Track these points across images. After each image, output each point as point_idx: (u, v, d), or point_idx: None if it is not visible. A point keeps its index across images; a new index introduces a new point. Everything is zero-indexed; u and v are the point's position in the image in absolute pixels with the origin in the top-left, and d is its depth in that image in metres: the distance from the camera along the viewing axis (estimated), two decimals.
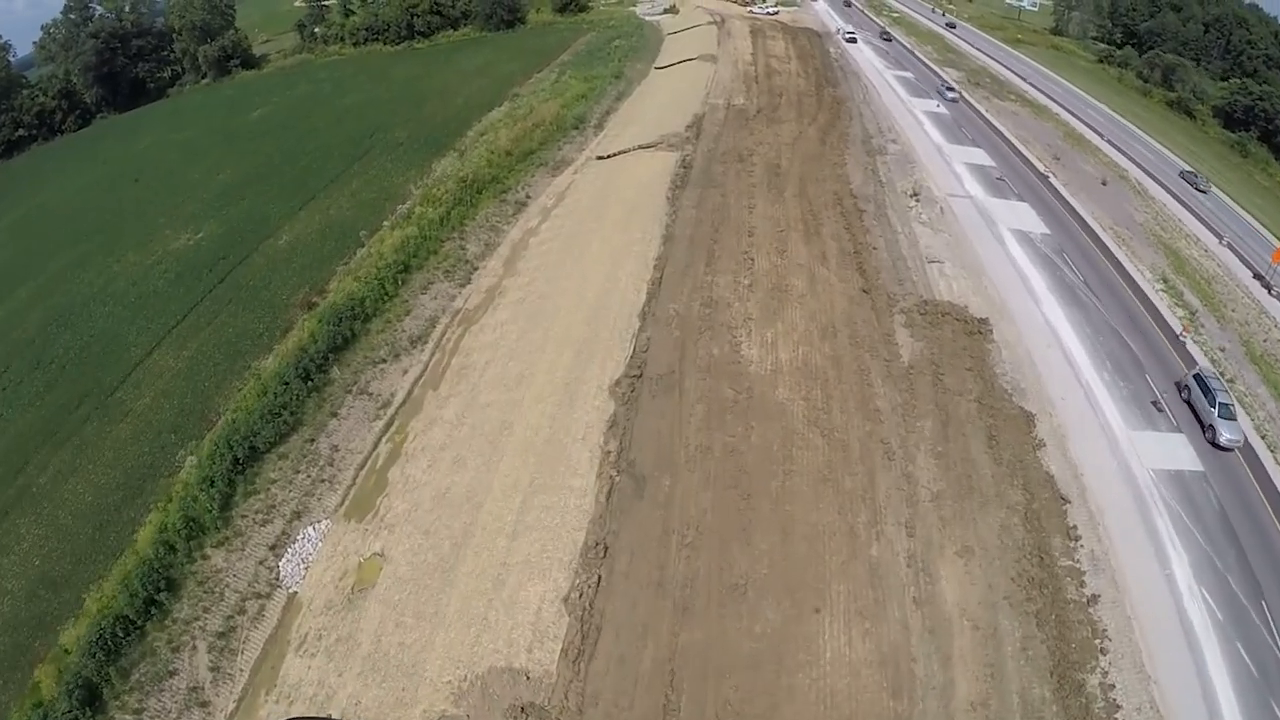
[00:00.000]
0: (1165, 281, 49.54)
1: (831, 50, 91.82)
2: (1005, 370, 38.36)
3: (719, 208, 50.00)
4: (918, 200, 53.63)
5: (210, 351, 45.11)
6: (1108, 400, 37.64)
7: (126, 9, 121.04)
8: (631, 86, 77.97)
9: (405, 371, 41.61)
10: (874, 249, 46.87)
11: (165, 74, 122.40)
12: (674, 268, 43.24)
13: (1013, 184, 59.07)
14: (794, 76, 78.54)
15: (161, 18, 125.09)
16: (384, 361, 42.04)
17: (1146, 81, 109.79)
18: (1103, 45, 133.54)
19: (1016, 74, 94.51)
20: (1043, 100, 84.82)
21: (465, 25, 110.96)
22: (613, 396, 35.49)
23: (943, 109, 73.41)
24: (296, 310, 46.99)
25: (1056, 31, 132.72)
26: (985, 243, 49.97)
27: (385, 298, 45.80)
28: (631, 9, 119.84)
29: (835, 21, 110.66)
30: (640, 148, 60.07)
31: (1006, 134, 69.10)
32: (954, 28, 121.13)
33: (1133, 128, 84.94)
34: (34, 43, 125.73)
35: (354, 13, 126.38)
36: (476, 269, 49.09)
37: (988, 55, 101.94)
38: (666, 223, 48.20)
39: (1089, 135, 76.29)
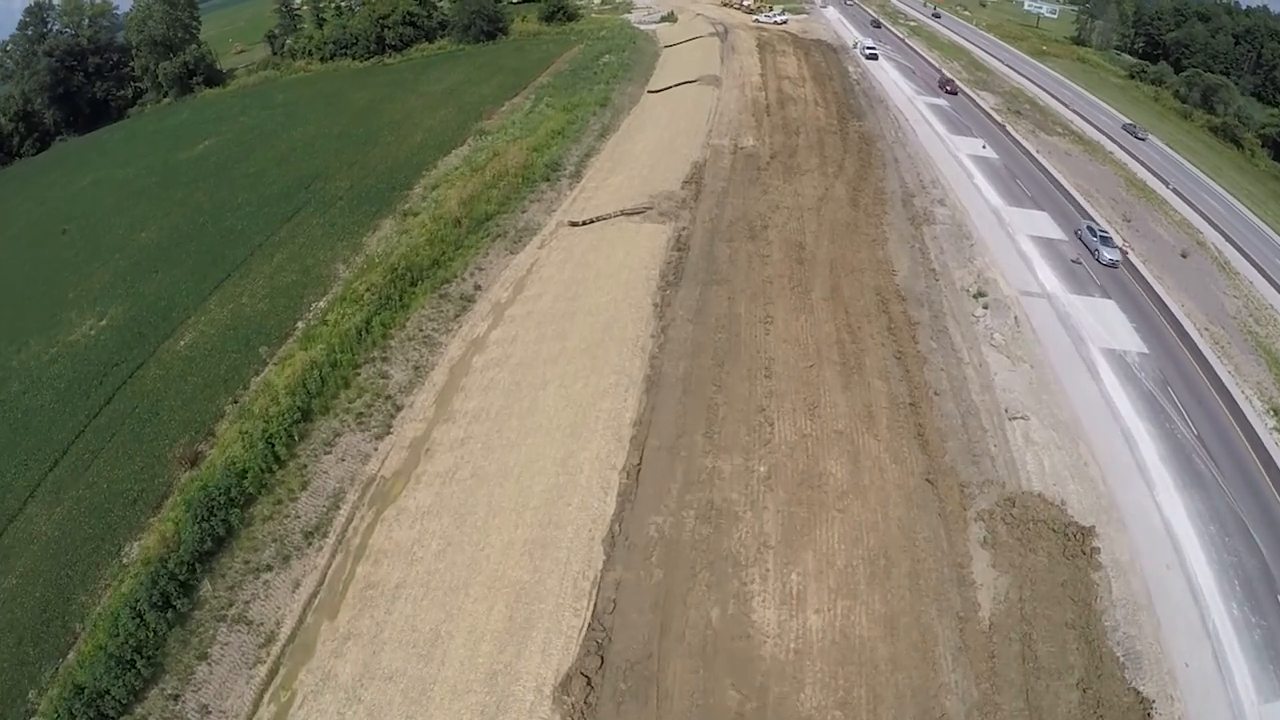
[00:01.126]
0: (1278, 415, 34.10)
1: (851, 69, 74.69)
2: (1116, 622, 23.34)
3: (724, 321, 34.04)
4: (985, 306, 37.64)
5: (82, 517, 30.12)
6: (1239, 659, 23.20)
7: (85, 23, 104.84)
8: (619, 117, 61.47)
9: (296, 585, 26.28)
10: (935, 394, 31.04)
11: (127, 92, 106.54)
12: (659, 440, 27.46)
13: (1091, 268, 42.79)
14: (811, 105, 62.16)
15: (122, 31, 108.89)
16: (269, 569, 26.71)
17: (1185, 102, 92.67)
18: (1127, 56, 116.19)
19: (1054, 96, 77.07)
20: (1091, 133, 67.59)
21: (442, 37, 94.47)
22: (557, 708, 20.96)
23: (989, 151, 56.71)
24: (176, 466, 32.09)
25: (1079, 41, 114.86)
26: (1076, 376, 33.78)
27: (276, 463, 30.76)
28: (626, 16, 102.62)
29: (848, 31, 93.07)
30: (624, 213, 44.35)
31: (1068, 186, 52.22)
32: (939, 17, 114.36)
33: (1188, 164, 67.96)
34: None
35: (327, 21, 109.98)
36: (400, 408, 33.17)
37: (1019, 73, 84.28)
38: (652, 351, 32.25)
39: (1151, 182, 59.37)
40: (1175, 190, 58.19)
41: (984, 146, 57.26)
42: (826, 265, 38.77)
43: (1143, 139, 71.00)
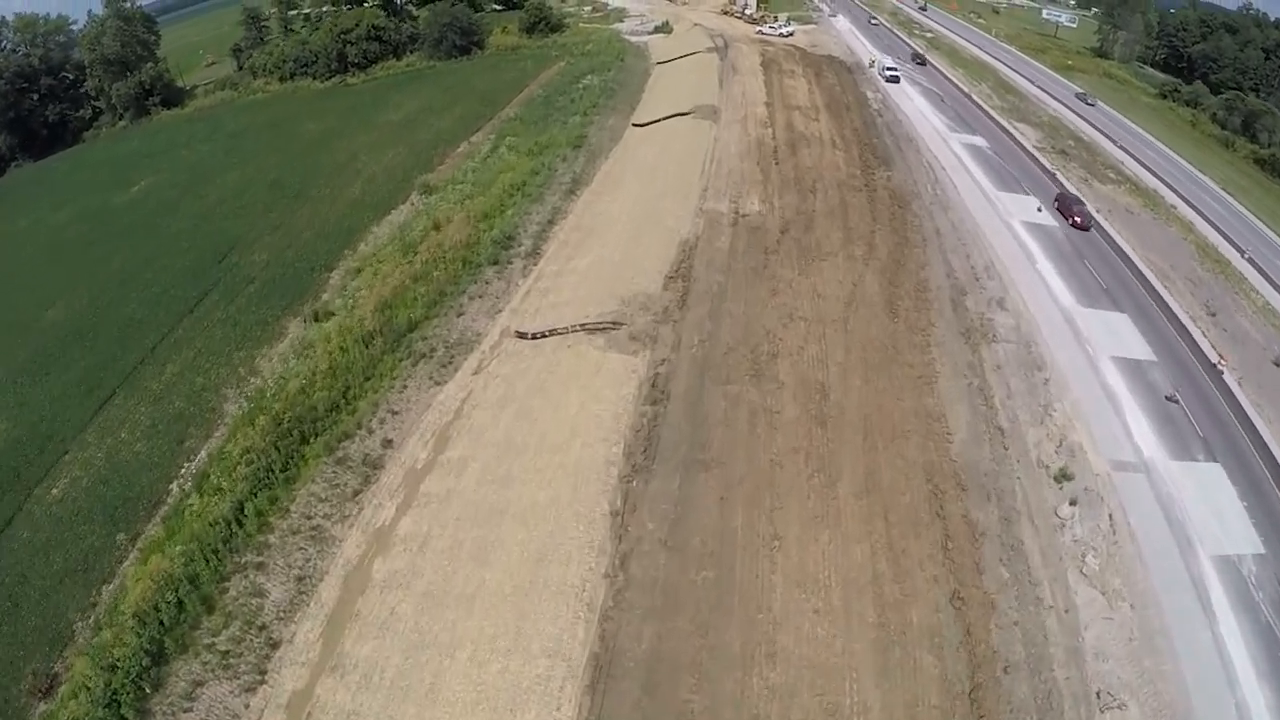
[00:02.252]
0: None
1: (869, 94, 60.11)
2: None
3: (713, 546, 21.01)
4: (1072, 500, 24.18)
5: None
6: None
7: (37, 41, 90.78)
8: (595, 163, 46.74)
9: None
10: (1005, 670, 18.63)
11: (84, 112, 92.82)
12: None
13: (1191, 410, 28.95)
14: (828, 147, 47.58)
15: (77, 49, 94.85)
16: None
17: (1224, 127, 77.12)
18: (1151, 70, 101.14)
19: (1094, 126, 62.28)
20: (1146, 178, 53.08)
21: (413, 52, 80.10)
22: None
23: (1046, 215, 42.35)
24: (29, 695, 20.82)
25: (1101, 53, 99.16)
26: (1185, 619, 21.17)
27: None
28: (617, 26, 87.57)
29: (862, 45, 77.22)
30: (584, 328, 30.66)
31: (1141, 266, 38.16)
32: (924, 10, 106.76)
33: (1245, 211, 53.60)
34: None
35: (296, 32, 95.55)
36: (277, 644, 20.48)
37: (1051, 95, 69.05)
38: (604, 606, 19.32)
39: (1225, 249, 45.19)
40: (1251, 260, 44.04)
41: (1039, 209, 42.90)
42: (859, 426, 25.28)
43: (1092, 105, 69.72)
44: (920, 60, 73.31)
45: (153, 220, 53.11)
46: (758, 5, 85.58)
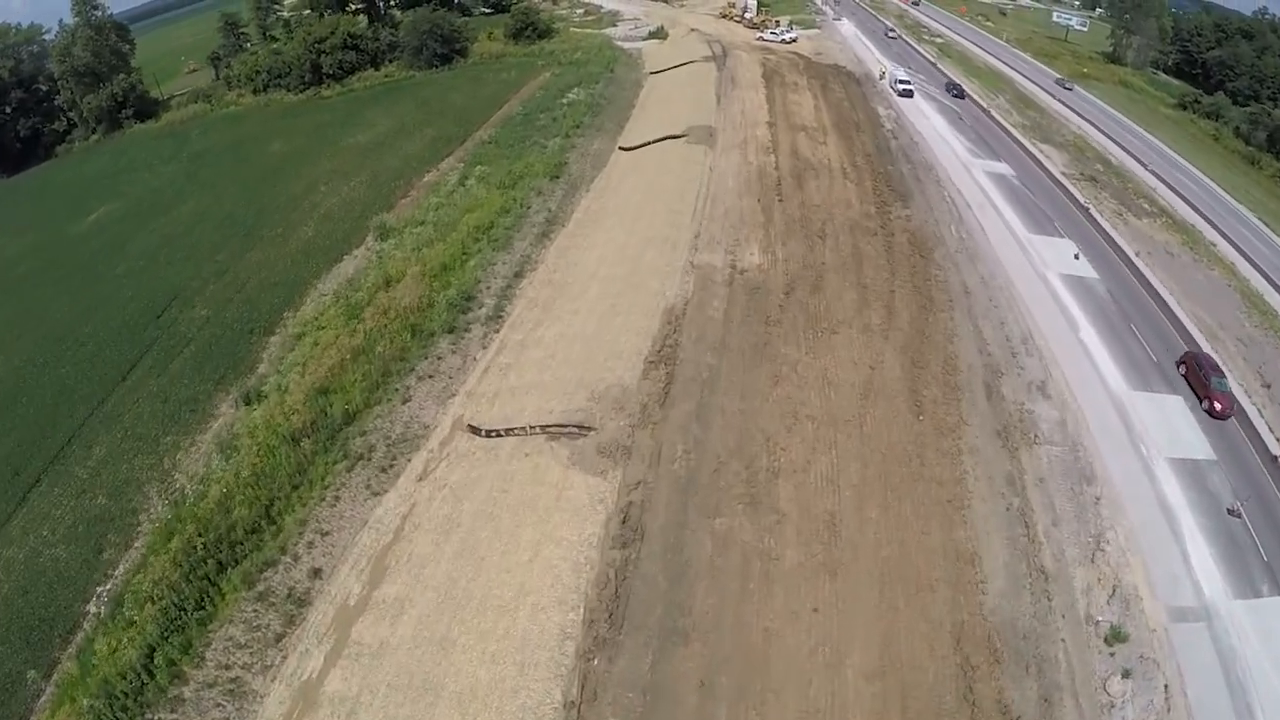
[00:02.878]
0: None
1: (881, 110, 53.19)
2: None
3: None
4: (1125, 672, 18.13)
5: None
6: None
7: (7, 50, 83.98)
8: (574, 197, 39.95)
9: None
10: None
11: (59, 125, 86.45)
12: None
13: (1254, 525, 22.41)
14: (838, 178, 40.76)
15: (50, 59, 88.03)
16: None
17: (1248, 142, 68.98)
18: (1164, 76, 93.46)
19: (1121, 145, 54.99)
20: (1181, 209, 45.64)
21: (392, 61, 73.38)
22: None
23: (1086, 264, 35.34)
24: None
25: (1114, 58, 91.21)
26: None
27: None
28: (609, 31, 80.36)
29: (869, 53, 69.72)
30: (545, 430, 24.85)
31: (1188, 322, 31.49)
32: (918, 4, 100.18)
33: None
34: None
35: (276, 39, 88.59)
36: None
37: (1072, 109, 61.65)
38: None
39: (1270, 296, 37.54)
40: None
41: (1077, 256, 36.08)
42: (875, 575, 19.11)
43: (1069, 89, 69.26)
44: (958, 92, 59.88)
45: (101, 257, 46.99)
46: (758, 9, 78.10)
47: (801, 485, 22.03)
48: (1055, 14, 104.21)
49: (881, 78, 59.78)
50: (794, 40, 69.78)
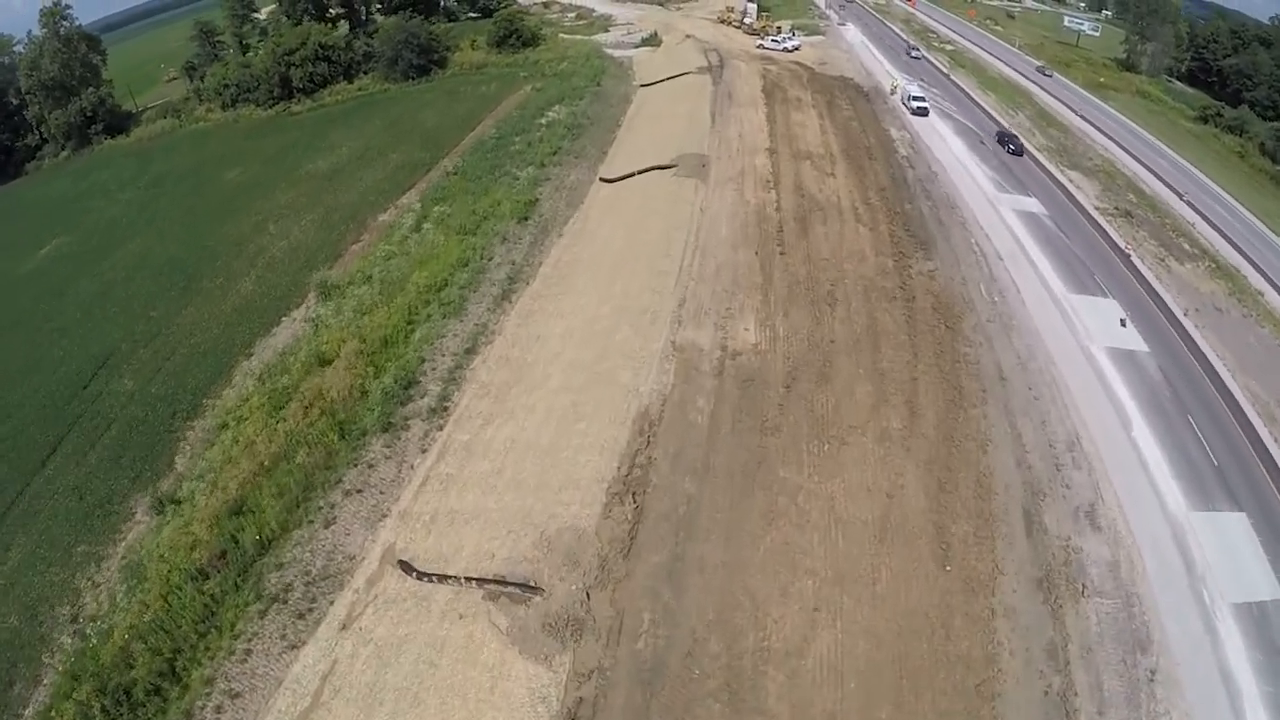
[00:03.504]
0: None
1: (894, 132, 46.45)
2: None
3: None
4: None
5: None
6: None
7: None
8: (543, 246, 33.51)
9: None
10: None
11: (31, 140, 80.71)
12: None
13: None
14: (849, 220, 33.97)
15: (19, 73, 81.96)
16: None
17: (1275, 160, 61.08)
18: (1179, 84, 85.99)
19: (1152, 170, 47.63)
20: (1223, 249, 38.69)
21: (366, 73, 67.19)
22: None
23: (1134, 334, 29.03)
24: None
25: (1128, 65, 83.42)
26: None
27: None
28: (601, 37, 73.59)
29: (877, 62, 62.72)
30: (483, 583, 18.28)
31: (1249, 411, 25.40)
32: None
33: None
34: None
35: (251, 48, 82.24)
36: None
37: (1097, 127, 54.07)
38: None
39: None
40: None
41: (1123, 323, 29.68)
42: None
43: (1049, 76, 68.61)
44: (1015, 148, 45.19)
45: (41, 308, 41.31)
46: (758, 14, 71.11)
47: (796, 674, 16.33)
48: (1067, 18, 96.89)
49: (893, 92, 52.87)
50: (797, 49, 62.73)
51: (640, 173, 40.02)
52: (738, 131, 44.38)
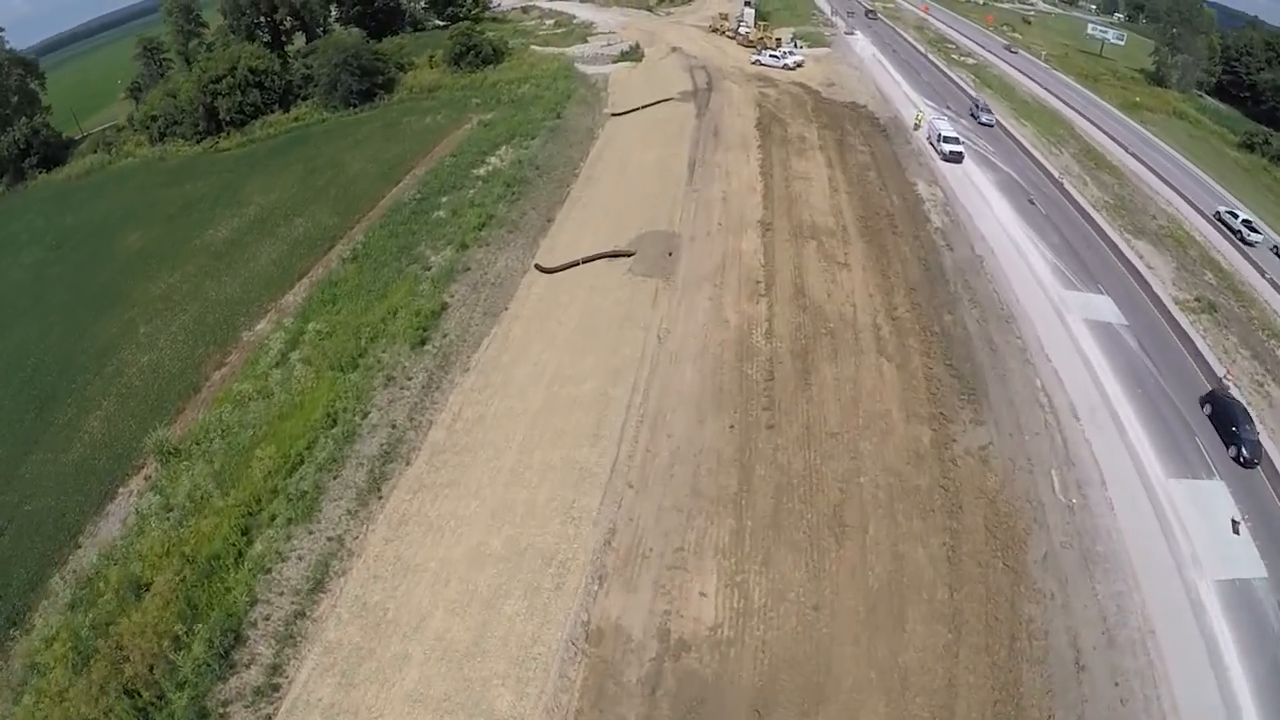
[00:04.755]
0: None
1: (922, 189, 34.45)
2: None
3: None
4: None
5: None
6: None
7: None
8: (440, 389, 23.01)
9: None
10: None
11: None
12: None
13: None
14: (867, 350, 22.45)
15: None
16: None
17: None
18: (1210, 100, 73.33)
19: (1216, 225, 36.16)
20: None
21: (305, 98, 56.03)
22: None
23: (1246, 541, 18.13)
24: None
25: (1157, 79, 70.41)
26: None
27: None
28: (577, 48, 61.34)
29: (889, 77, 50.26)
30: None
31: None
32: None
33: None
34: None
35: (201, 64, 71.09)
36: None
37: (1158, 174, 41.46)
38: None
39: None
40: None
41: (1236, 529, 18.67)
42: None
43: (1014, 54, 65.59)
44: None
45: None
46: (756, 23, 58.53)
47: None
48: (1090, 27, 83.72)
49: (916, 128, 40.62)
50: (799, 65, 50.17)
51: (586, 261, 29.29)
52: (722, 191, 33.19)
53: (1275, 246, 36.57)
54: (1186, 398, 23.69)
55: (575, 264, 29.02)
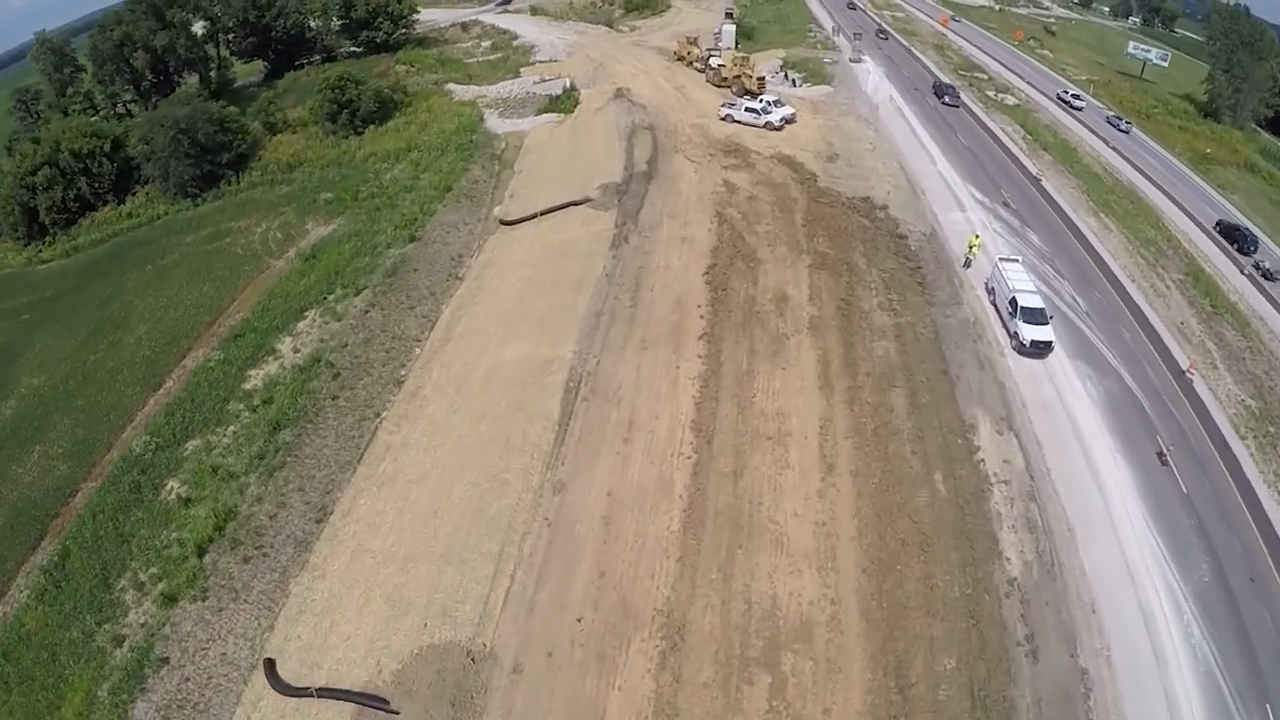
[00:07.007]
0: None
1: (987, 452, 15.41)
2: None
3: None
4: None
5: None
6: None
7: None
8: None
9: None
10: None
11: None
12: None
13: None
14: None
15: None
16: None
17: None
18: (1267, 136, 54.81)
19: None
20: None
21: (147, 183, 39.48)
22: None
23: None
24: None
25: (1209, 111, 53.60)
26: None
27: None
28: (506, 83, 41.88)
29: (913, 136, 31.24)
30: None
31: None
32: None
33: None
34: None
35: (74, 114, 54.18)
36: None
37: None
38: None
39: None
40: None
41: None
42: None
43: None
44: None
45: None
46: (735, 43, 38.84)
47: None
48: (1131, 46, 64.62)
49: (967, 264, 22.45)
50: (791, 120, 31.34)
51: (347, 695, 14.22)
52: (606, 490, 15.77)
53: None
54: None
55: (309, 692, 13.87)
